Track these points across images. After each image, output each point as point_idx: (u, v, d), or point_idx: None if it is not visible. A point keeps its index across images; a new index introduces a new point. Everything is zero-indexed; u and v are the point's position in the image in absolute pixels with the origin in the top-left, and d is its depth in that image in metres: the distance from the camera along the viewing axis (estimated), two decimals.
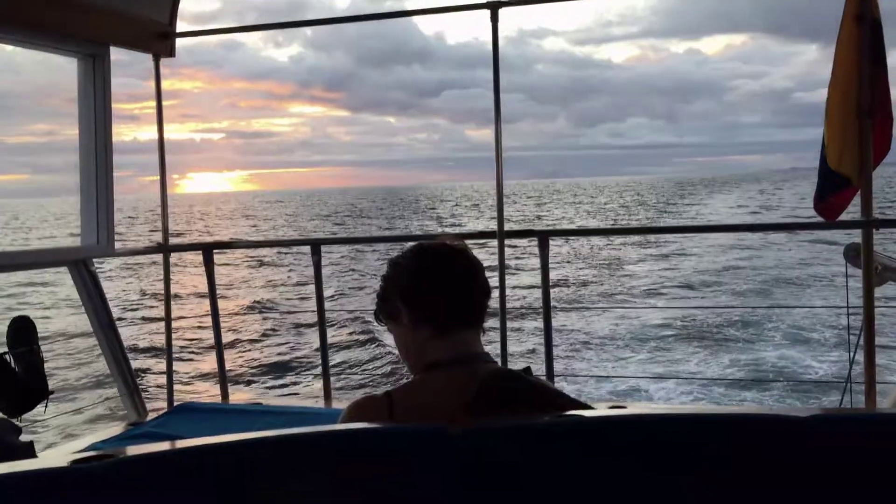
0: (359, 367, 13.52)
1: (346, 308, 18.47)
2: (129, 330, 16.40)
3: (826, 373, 11.19)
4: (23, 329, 3.56)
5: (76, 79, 4.03)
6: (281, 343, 15.86)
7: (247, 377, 13.33)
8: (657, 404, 8.48)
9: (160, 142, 4.50)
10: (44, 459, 1.95)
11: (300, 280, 24.72)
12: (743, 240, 28.73)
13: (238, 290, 24.53)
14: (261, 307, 20.70)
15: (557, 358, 12.75)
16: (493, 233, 3.99)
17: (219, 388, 4.75)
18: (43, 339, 3.70)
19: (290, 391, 12.32)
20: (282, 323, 17.47)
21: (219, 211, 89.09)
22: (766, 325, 14.50)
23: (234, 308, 20.62)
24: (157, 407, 4.87)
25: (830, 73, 3.55)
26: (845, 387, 3.76)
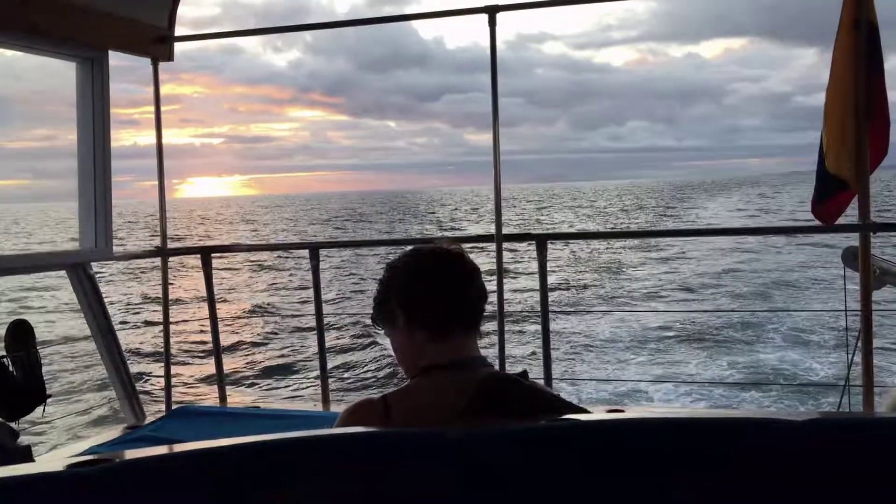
0: (359, 368, 13.53)
1: (347, 311, 18.48)
2: (132, 334, 16.43)
3: (826, 374, 11.20)
4: (20, 332, 3.56)
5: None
6: (280, 346, 15.86)
7: (248, 380, 13.34)
8: (655, 408, 8.46)
9: (158, 145, 4.51)
10: (40, 463, 1.95)
11: (302, 284, 24.75)
12: (742, 243, 28.84)
13: (240, 293, 24.58)
14: (262, 311, 20.70)
15: (558, 360, 12.86)
16: (490, 236, 3.99)
17: (217, 392, 4.75)
18: (48, 343, 3.71)
19: (289, 394, 12.31)
20: (282, 326, 17.48)
21: (219, 216, 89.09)
22: (766, 326, 14.50)
23: (236, 311, 20.65)
24: (156, 409, 4.87)
25: (828, 77, 3.56)
26: (843, 390, 3.77)
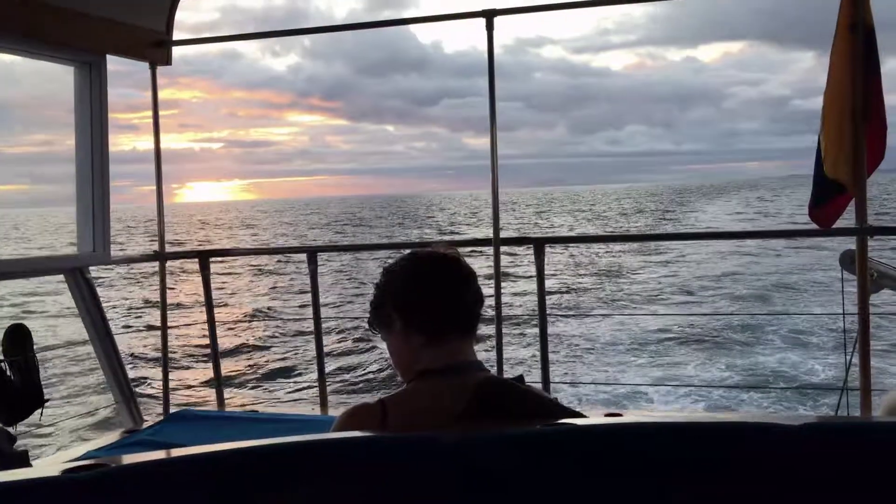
0: (360, 370, 13.55)
1: (348, 315, 18.47)
2: (135, 338, 16.44)
3: (826, 375, 11.25)
4: (18, 337, 3.56)
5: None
6: (279, 350, 15.87)
7: (247, 384, 13.33)
8: (653, 412, 8.47)
9: (156, 149, 4.51)
10: (38, 468, 1.95)
11: (302, 288, 24.76)
12: (741, 246, 28.87)
13: (241, 297, 24.60)
14: (262, 315, 20.71)
15: (559, 363, 12.86)
16: (488, 240, 3.99)
17: (215, 396, 4.75)
18: (52, 347, 3.71)
19: (288, 398, 12.32)
20: (282, 330, 17.51)
21: (218, 220, 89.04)
22: (766, 328, 14.57)
23: (237, 315, 20.67)
24: (155, 411, 4.86)
25: (826, 80, 3.57)
26: (841, 393, 3.76)
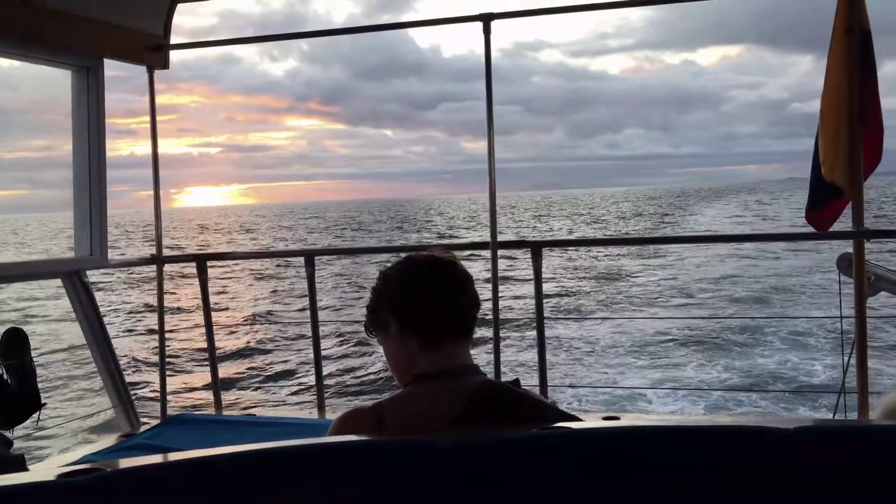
0: (360, 372, 13.56)
1: (348, 319, 18.49)
2: (137, 342, 16.45)
3: (826, 375, 11.32)
4: (15, 341, 3.55)
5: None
6: (278, 354, 15.87)
7: (245, 388, 13.33)
8: (650, 415, 8.49)
9: (154, 153, 4.51)
10: (33, 472, 1.94)
11: (303, 292, 24.71)
12: (740, 249, 28.99)
13: (241, 301, 24.63)
14: (262, 319, 20.71)
15: (558, 366, 12.88)
16: (486, 243, 3.99)
17: (212, 399, 4.74)
18: (56, 351, 3.70)
19: (285, 401, 12.33)
20: (282, 334, 17.51)
21: (217, 225, 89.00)
22: (765, 330, 14.64)
23: (237, 319, 20.67)
24: (153, 414, 4.85)
25: (822, 84, 3.57)
26: (839, 397, 3.76)
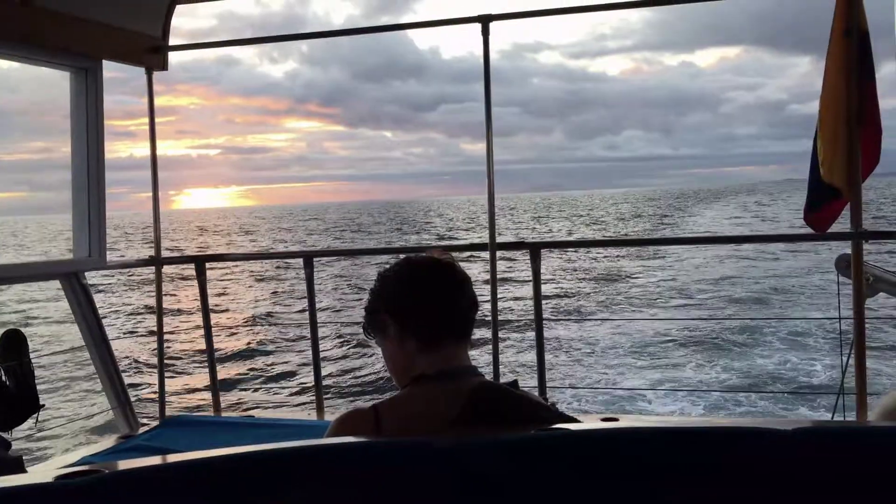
0: (355, 374, 13.56)
1: (349, 321, 18.51)
2: (138, 344, 16.46)
3: (825, 377, 11.37)
4: (13, 343, 3.55)
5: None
6: (277, 355, 15.88)
7: (244, 389, 13.34)
8: (648, 416, 8.52)
9: (153, 154, 4.51)
10: (31, 474, 1.94)
11: (303, 293, 24.72)
12: (739, 250, 29.08)
13: (241, 303, 24.63)
14: (262, 320, 20.72)
15: (558, 367, 12.89)
16: (484, 245, 3.99)
17: (211, 401, 4.74)
18: (57, 352, 3.70)
19: (284, 402, 12.33)
20: (282, 335, 17.54)
21: (217, 227, 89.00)
22: (764, 330, 14.70)
23: (237, 320, 20.68)
24: (151, 415, 4.85)
25: (821, 85, 3.57)
26: (838, 396, 3.76)
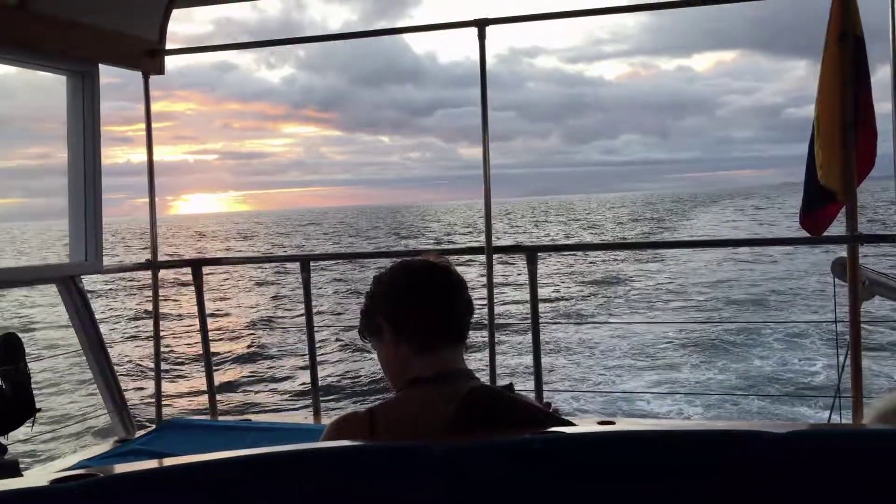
0: (352, 377, 13.56)
1: (346, 324, 18.52)
2: (140, 348, 16.45)
3: (822, 378, 11.41)
4: (10, 347, 3.54)
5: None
6: (274, 359, 15.87)
7: (242, 392, 13.34)
8: (644, 420, 8.55)
9: (149, 158, 4.51)
10: (27, 478, 1.94)
11: (301, 297, 24.76)
12: (737, 253, 29.22)
13: (239, 307, 24.64)
14: (259, 324, 20.72)
15: (559, 369, 12.91)
16: (481, 248, 3.99)
17: (208, 405, 4.73)
18: (53, 356, 3.68)
19: (280, 406, 12.34)
20: (278, 338, 17.52)
21: (215, 232, 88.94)
22: (763, 331, 14.75)
23: (235, 325, 20.67)
24: (148, 419, 4.84)
25: (817, 89, 3.58)
26: (833, 401, 3.76)
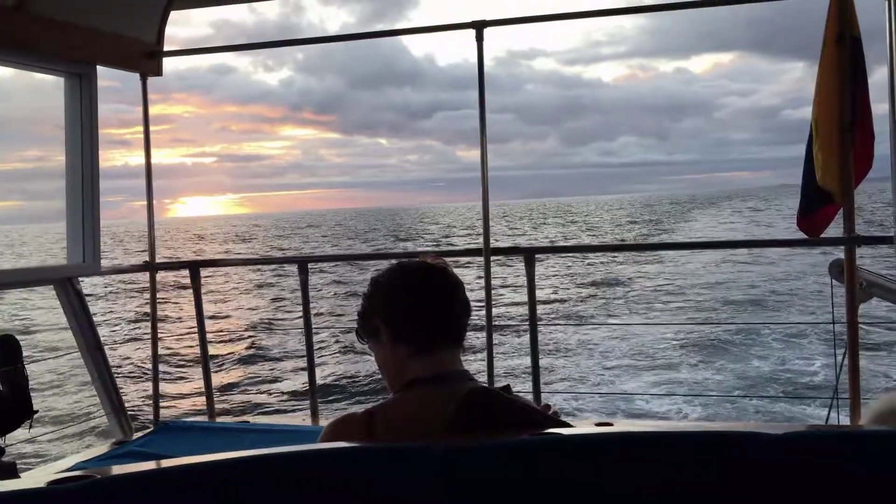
0: (350, 378, 13.57)
1: (344, 326, 18.54)
2: (141, 349, 16.45)
3: (820, 378, 11.47)
4: (7, 349, 3.54)
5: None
6: (272, 360, 15.87)
7: (240, 394, 13.34)
8: (642, 422, 8.56)
9: (147, 160, 4.51)
10: (24, 480, 1.94)
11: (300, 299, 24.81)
12: (735, 255, 29.29)
13: (238, 309, 24.68)
14: (259, 326, 20.71)
15: (558, 369, 12.93)
16: (479, 250, 3.99)
17: (205, 407, 4.73)
18: (52, 358, 3.67)
19: (278, 407, 12.33)
20: (277, 340, 17.52)
21: (213, 235, 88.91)
22: (761, 331, 14.80)
23: (234, 326, 20.68)
24: (146, 420, 4.84)
25: (814, 91, 3.58)
26: (831, 401, 3.77)
